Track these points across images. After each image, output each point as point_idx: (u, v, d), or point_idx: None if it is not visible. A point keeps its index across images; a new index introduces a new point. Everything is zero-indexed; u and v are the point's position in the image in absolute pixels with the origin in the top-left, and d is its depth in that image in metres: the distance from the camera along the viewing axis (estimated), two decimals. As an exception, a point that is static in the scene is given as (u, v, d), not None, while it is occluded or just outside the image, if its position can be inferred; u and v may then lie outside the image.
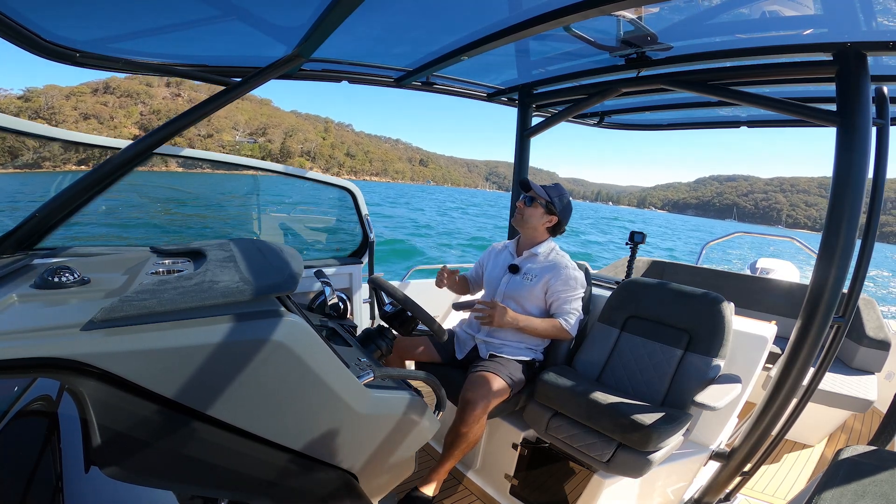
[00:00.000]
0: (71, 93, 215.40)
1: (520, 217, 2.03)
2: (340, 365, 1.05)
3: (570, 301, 1.95)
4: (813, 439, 2.72)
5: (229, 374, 0.89)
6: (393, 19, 1.61)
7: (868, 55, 1.42)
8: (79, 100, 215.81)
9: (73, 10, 1.32)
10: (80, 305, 0.94)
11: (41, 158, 1.90)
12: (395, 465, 1.27)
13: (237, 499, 0.96)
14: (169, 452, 0.85)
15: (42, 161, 1.90)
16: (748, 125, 2.78)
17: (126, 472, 0.77)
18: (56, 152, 1.77)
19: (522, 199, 2.05)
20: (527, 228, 2.03)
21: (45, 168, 1.91)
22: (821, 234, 1.50)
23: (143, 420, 0.82)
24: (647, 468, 1.52)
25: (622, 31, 1.61)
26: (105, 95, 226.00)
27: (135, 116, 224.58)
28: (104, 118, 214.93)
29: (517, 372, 1.89)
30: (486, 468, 2.10)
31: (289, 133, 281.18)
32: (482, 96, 2.64)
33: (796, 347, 1.53)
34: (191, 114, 1.70)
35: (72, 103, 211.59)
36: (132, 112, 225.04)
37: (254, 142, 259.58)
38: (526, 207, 2.01)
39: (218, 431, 0.91)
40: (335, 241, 2.72)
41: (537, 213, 2.00)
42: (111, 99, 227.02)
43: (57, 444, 0.70)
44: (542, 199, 1.99)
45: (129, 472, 0.78)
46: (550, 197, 1.99)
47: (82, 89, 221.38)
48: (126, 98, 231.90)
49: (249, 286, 0.97)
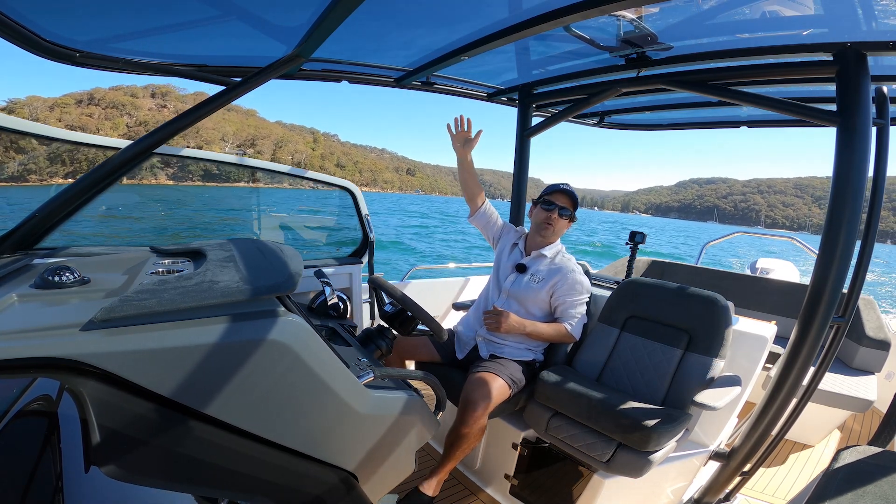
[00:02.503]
0: (55, 104, 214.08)
1: (552, 229, 1.97)
2: (340, 365, 1.05)
3: (575, 306, 1.96)
4: (813, 439, 2.71)
5: (229, 374, 0.89)
6: (393, 19, 1.60)
7: (868, 55, 1.42)
8: (63, 111, 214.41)
9: (73, 10, 1.32)
10: (80, 305, 0.94)
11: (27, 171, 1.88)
12: (395, 465, 1.27)
13: (237, 499, 0.96)
14: (169, 452, 0.85)
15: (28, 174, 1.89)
16: (748, 125, 2.78)
17: (126, 471, 0.77)
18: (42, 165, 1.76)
19: (555, 209, 1.97)
20: (553, 238, 2.03)
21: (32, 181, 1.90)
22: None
23: (143, 420, 0.82)
24: (647, 468, 1.52)
25: (622, 31, 1.61)
26: (90, 107, 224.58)
27: (121, 128, 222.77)
28: (90, 130, 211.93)
29: (518, 372, 1.89)
30: (486, 468, 2.10)
31: (278, 144, 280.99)
32: (482, 96, 2.64)
33: (796, 347, 1.53)
34: (191, 114, 1.70)
35: (56, 115, 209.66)
36: (118, 124, 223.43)
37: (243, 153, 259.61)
38: (560, 219, 1.98)
39: (218, 431, 0.91)
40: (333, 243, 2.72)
41: (566, 224, 2.01)
42: (96, 110, 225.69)
43: (57, 444, 0.70)
44: (573, 214, 1.99)
45: (129, 471, 0.78)
46: (576, 207, 2.00)
47: (66, 101, 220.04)
48: (112, 109, 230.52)
49: (249, 286, 0.97)
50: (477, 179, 2.18)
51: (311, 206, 2.80)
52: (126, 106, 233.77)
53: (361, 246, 2.60)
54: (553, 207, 1.98)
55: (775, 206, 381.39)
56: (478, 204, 2.19)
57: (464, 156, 2.05)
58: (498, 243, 2.19)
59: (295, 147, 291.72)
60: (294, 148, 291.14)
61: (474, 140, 2.04)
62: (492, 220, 2.20)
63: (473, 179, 2.15)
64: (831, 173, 1.48)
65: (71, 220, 1.60)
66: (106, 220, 2.05)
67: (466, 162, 2.08)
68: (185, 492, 0.86)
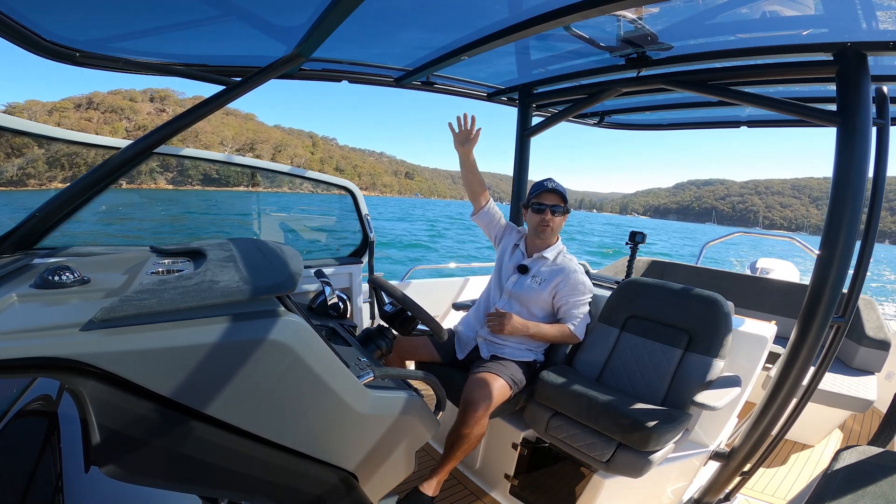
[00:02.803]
0: (53, 108, 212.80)
1: (549, 229, 1.97)
2: (340, 365, 1.05)
3: (578, 306, 1.96)
4: (813, 439, 2.71)
5: (229, 373, 0.89)
6: (393, 19, 1.60)
7: (868, 55, 1.42)
8: (62, 115, 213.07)
9: (73, 9, 1.32)
10: (80, 305, 0.94)
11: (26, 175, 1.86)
12: (395, 465, 1.27)
13: (237, 499, 0.96)
14: (169, 452, 0.85)
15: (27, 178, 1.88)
16: (748, 125, 2.78)
17: (126, 471, 0.77)
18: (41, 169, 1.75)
19: (549, 209, 1.97)
20: (553, 238, 2.03)
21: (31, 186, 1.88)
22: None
23: (143, 420, 0.82)
24: (647, 468, 1.52)
25: (622, 31, 1.61)
26: (88, 111, 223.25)
27: (121, 132, 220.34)
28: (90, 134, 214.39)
29: (518, 373, 1.89)
30: (486, 468, 2.10)
31: (278, 148, 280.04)
32: (482, 96, 2.64)
33: (796, 347, 1.53)
34: (191, 113, 1.70)
35: (55, 119, 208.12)
36: (118, 128, 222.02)
37: None
38: (554, 218, 1.97)
39: (218, 431, 0.91)
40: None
41: (561, 222, 2.00)
42: (95, 115, 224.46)
43: (57, 444, 0.70)
44: (567, 206, 1.99)
45: (129, 471, 0.78)
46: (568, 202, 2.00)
47: (65, 104, 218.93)
48: (111, 113, 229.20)
49: (249, 286, 0.97)
50: (480, 178, 2.17)
51: (309, 206, 2.80)
52: (125, 110, 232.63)
53: (361, 246, 2.61)
54: (544, 208, 1.97)
55: (773, 207, 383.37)
56: (481, 203, 2.19)
57: (465, 154, 2.05)
58: (500, 243, 2.19)
59: (294, 151, 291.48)
60: (293, 152, 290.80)
61: (474, 138, 2.04)
62: (494, 220, 2.20)
63: (477, 178, 2.15)
64: (830, 173, 1.48)
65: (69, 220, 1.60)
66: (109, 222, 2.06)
67: (469, 161, 2.08)
68: (185, 492, 0.86)
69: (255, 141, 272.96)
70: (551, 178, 2.03)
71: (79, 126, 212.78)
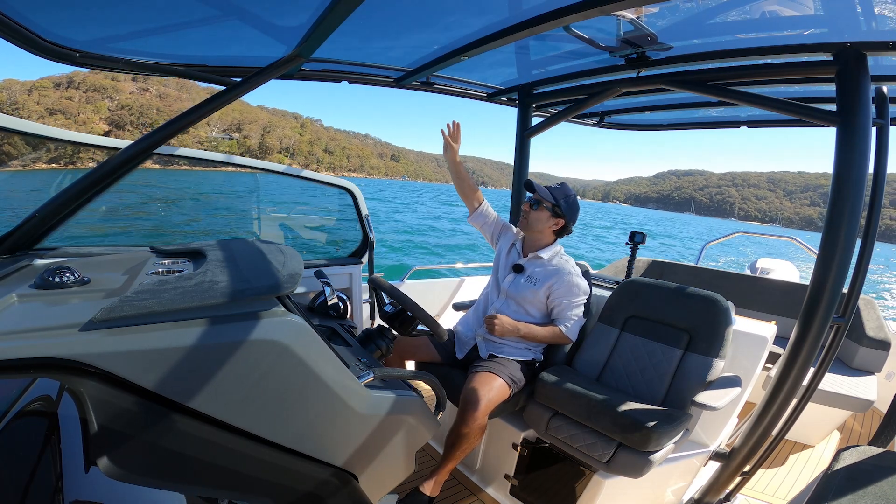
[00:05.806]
0: (33, 87, 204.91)
1: (525, 221, 1.98)
2: (340, 365, 1.05)
3: (571, 308, 1.95)
4: (813, 439, 2.71)
5: (229, 374, 0.89)
6: (393, 19, 1.61)
7: (868, 55, 1.42)
8: (41, 94, 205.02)
9: (73, 10, 1.32)
10: (80, 305, 0.94)
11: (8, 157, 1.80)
12: (395, 465, 1.27)
13: (237, 499, 0.96)
14: (169, 452, 0.85)
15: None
16: (748, 125, 2.78)
17: (126, 471, 0.77)
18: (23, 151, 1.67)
19: (528, 201, 1.99)
20: (533, 232, 2.00)
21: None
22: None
23: (143, 420, 0.82)
24: (647, 468, 1.52)
25: (622, 31, 1.61)
26: (69, 90, 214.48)
27: (103, 111, 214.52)
28: (71, 113, 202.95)
29: (517, 372, 1.89)
30: (486, 468, 2.10)
31: (266, 129, 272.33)
32: (482, 96, 2.64)
33: (796, 347, 1.53)
34: (191, 113, 1.70)
35: (34, 98, 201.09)
36: (100, 107, 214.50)
37: (230, 138, 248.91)
38: (532, 211, 1.97)
39: (218, 431, 0.91)
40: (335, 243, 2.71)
41: (543, 217, 1.96)
42: (76, 94, 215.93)
43: (57, 444, 0.70)
44: (548, 203, 1.94)
45: (129, 471, 0.78)
46: (556, 199, 1.94)
47: (44, 83, 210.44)
48: (93, 92, 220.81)
49: (249, 286, 0.97)
50: (471, 181, 2.18)
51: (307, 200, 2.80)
52: (107, 89, 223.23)
53: (361, 246, 2.60)
54: (527, 201, 2.01)
55: (748, 199, 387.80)
56: (475, 205, 2.19)
57: (452, 158, 2.07)
58: (497, 243, 2.18)
59: (283, 132, 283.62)
60: (282, 133, 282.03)
61: (457, 142, 2.06)
62: (490, 220, 2.19)
63: (467, 182, 2.16)
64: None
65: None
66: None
67: (455, 164, 2.10)
68: (185, 492, 0.86)
69: (241, 122, 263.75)
70: (564, 183, 2.06)
71: (60, 105, 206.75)
